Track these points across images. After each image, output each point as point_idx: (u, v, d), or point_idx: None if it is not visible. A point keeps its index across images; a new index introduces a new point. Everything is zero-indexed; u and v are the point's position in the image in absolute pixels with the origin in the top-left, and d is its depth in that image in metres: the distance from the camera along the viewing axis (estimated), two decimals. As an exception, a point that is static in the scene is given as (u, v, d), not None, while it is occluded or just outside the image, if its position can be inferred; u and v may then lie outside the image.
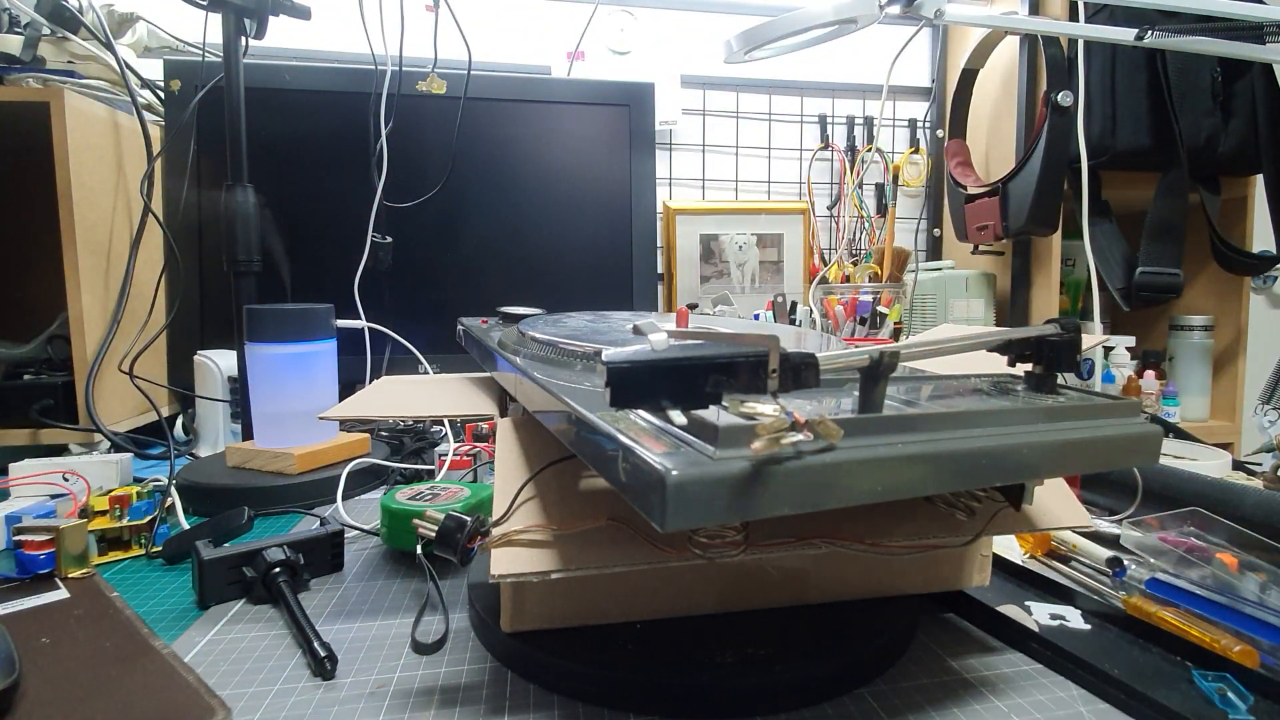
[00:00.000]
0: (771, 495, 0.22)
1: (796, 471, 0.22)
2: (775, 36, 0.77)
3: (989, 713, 0.31)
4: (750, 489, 0.21)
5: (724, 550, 0.31)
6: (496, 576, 0.30)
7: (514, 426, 0.40)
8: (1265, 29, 0.76)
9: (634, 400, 0.22)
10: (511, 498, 0.34)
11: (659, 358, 0.22)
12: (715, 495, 0.21)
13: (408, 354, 0.89)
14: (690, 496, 0.21)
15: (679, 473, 0.20)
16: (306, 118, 1.01)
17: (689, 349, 0.22)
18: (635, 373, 0.21)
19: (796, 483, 0.22)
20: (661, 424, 0.24)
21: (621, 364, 0.21)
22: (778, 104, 1.38)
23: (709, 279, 1.32)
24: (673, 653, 0.33)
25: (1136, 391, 1.17)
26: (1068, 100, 1.03)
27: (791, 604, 0.37)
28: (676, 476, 0.20)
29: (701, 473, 0.21)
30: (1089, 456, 0.28)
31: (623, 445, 0.23)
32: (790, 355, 0.23)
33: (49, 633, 0.37)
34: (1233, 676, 0.31)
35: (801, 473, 0.22)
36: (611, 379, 0.21)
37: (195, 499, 0.60)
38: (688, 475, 0.21)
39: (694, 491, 0.21)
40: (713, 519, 0.21)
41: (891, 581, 0.38)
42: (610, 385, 0.21)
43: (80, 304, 0.79)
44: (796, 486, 0.22)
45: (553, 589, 0.34)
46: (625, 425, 0.25)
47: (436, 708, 0.32)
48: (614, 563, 0.31)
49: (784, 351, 0.23)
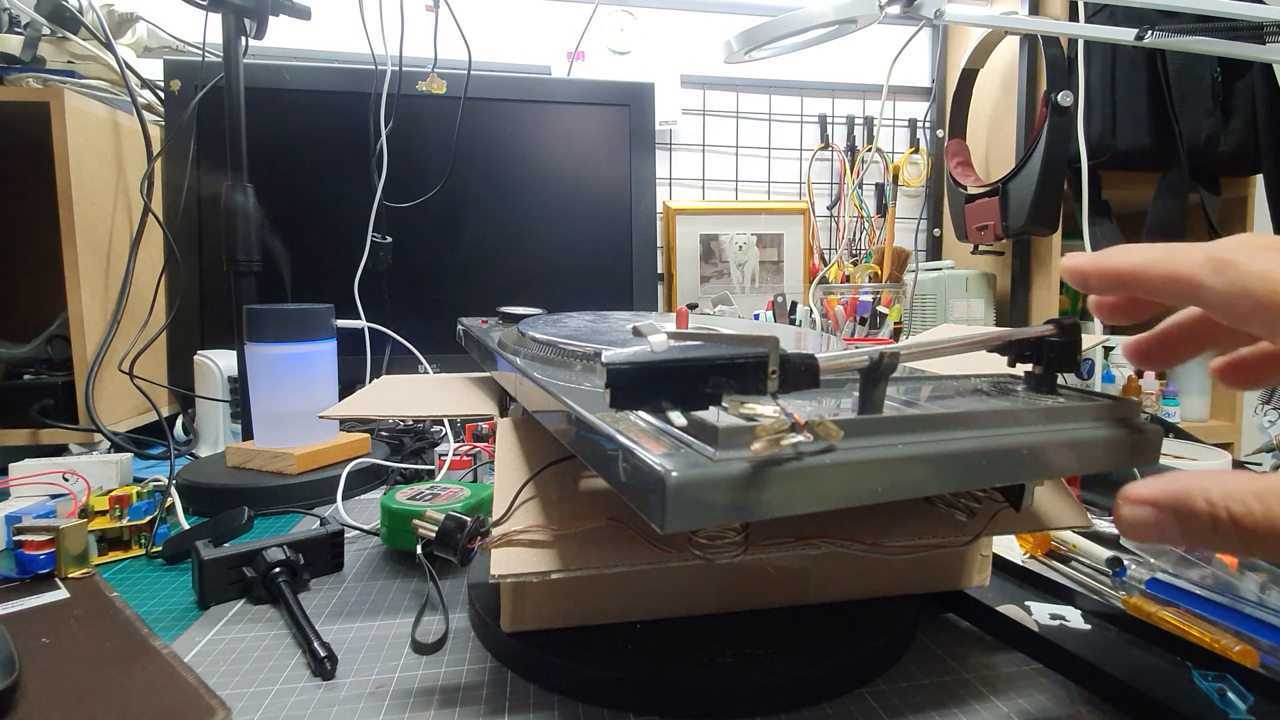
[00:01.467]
0: (771, 497, 0.22)
1: (796, 473, 0.22)
2: (775, 36, 0.77)
3: (989, 713, 0.31)
4: (750, 490, 0.21)
5: (724, 551, 0.31)
6: (496, 577, 0.30)
7: (514, 426, 0.40)
8: (1265, 29, 0.76)
9: (634, 401, 0.22)
10: (511, 498, 0.34)
11: (659, 359, 0.22)
12: (715, 497, 0.21)
13: (408, 354, 0.89)
14: (690, 498, 0.21)
15: (679, 474, 0.20)
16: (306, 118, 1.01)
17: (689, 350, 0.22)
18: (635, 374, 0.21)
19: (796, 484, 0.22)
20: (661, 425, 0.24)
21: (621, 365, 0.21)
22: (778, 104, 1.38)
23: (709, 279, 1.32)
24: (673, 653, 0.33)
25: (1137, 391, 1.17)
26: (1068, 100, 1.03)
27: (791, 604, 0.37)
28: (676, 478, 0.20)
29: (701, 474, 0.21)
30: (1089, 457, 0.28)
31: (622, 446, 0.23)
32: (790, 356, 0.23)
33: (49, 633, 0.37)
34: (1233, 676, 0.31)
35: (801, 474, 0.22)
36: (611, 380, 0.21)
37: (195, 499, 0.60)
38: (688, 477, 0.20)
39: (694, 493, 0.21)
40: (713, 521, 0.21)
41: (892, 582, 0.38)
42: (610, 386, 0.21)
43: (80, 304, 0.79)
44: (796, 488, 0.22)
45: (553, 589, 0.34)
46: (625, 426, 0.25)
47: (436, 708, 0.32)
48: (614, 563, 0.31)
49: (784, 353, 0.23)
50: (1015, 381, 0.33)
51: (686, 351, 0.22)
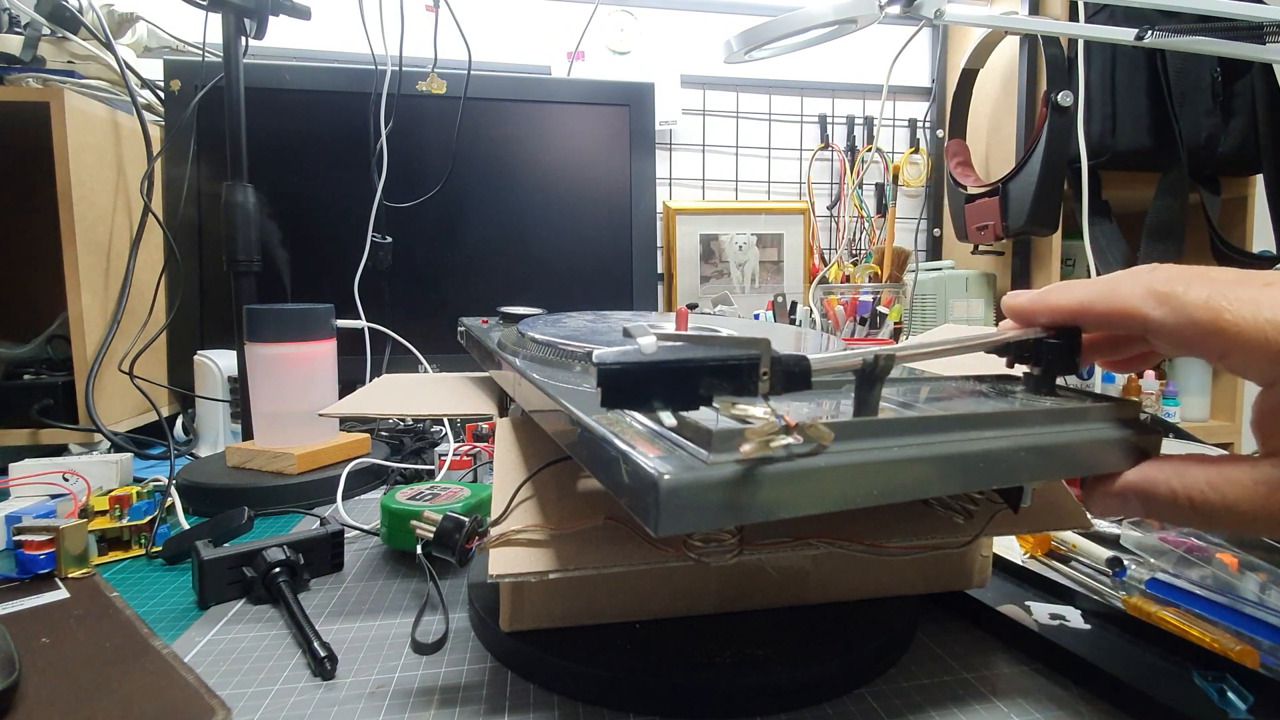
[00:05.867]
0: (765, 500, 0.22)
1: (788, 475, 0.22)
2: (775, 36, 0.77)
3: (989, 713, 0.31)
4: (743, 493, 0.21)
5: (718, 553, 0.31)
6: (495, 576, 0.30)
7: (513, 426, 0.40)
8: (1265, 29, 0.76)
9: (625, 401, 0.22)
10: (509, 498, 0.34)
11: (650, 359, 0.21)
12: (708, 500, 0.21)
13: (408, 354, 0.89)
14: (683, 501, 0.21)
15: (671, 477, 0.20)
16: (306, 118, 1.01)
17: (681, 351, 0.22)
18: (625, 373, 0.21)
19: (789, 487, 0.22)
20: (656, 427, 0.24)
21: (612, 365, 0.21)
22: (778, 104, 1.38)
23: (709, 279, 1.32)
24: (673, 653, 0.33)
25: (1136, 391, 1.17)
26: (1068, 100, 1.03)
27: (791, 604, 0.37)
28: (669, 481, 0.20)
29: (694, 477, 0.21)
30: (1086, 458, 0.28)
31: (617, 448, 0.23)
32: (782, 358, 0.23)
33: (49, 633, 0.37)
34: (1233, 676, 0.31)
35: (794, 477, 0.22)
36: (601, 379, 0.21)
37: (195, 499, 0.60)
38: (681, 480, 0.20)
39: (687, 496, 0.21)
40: (706, 524, 0.21)
41: (891, 582, 0.38)
42: (601, 386, 0.21)
43: (80, 304, 0.79)
44: (789, 490, 0.22)
45: (551, 589, 0.34)
46: (620, 428, 0.24)
47: (436, 708, 0.32)
48: (612, 563, 0.31)
49: (776, 354, 0.23)
50: (1015, 383, 0.33)
51: (678, 352, 0.22)
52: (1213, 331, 0.23)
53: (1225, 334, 0.23)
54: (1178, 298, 0.24)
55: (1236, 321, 0.23)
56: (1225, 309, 0.23)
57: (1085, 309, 0.27)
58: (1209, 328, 0.23)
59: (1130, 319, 0.26)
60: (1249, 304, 0.23)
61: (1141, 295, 0.25)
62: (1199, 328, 0.24)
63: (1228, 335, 0.23)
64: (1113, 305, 0.26)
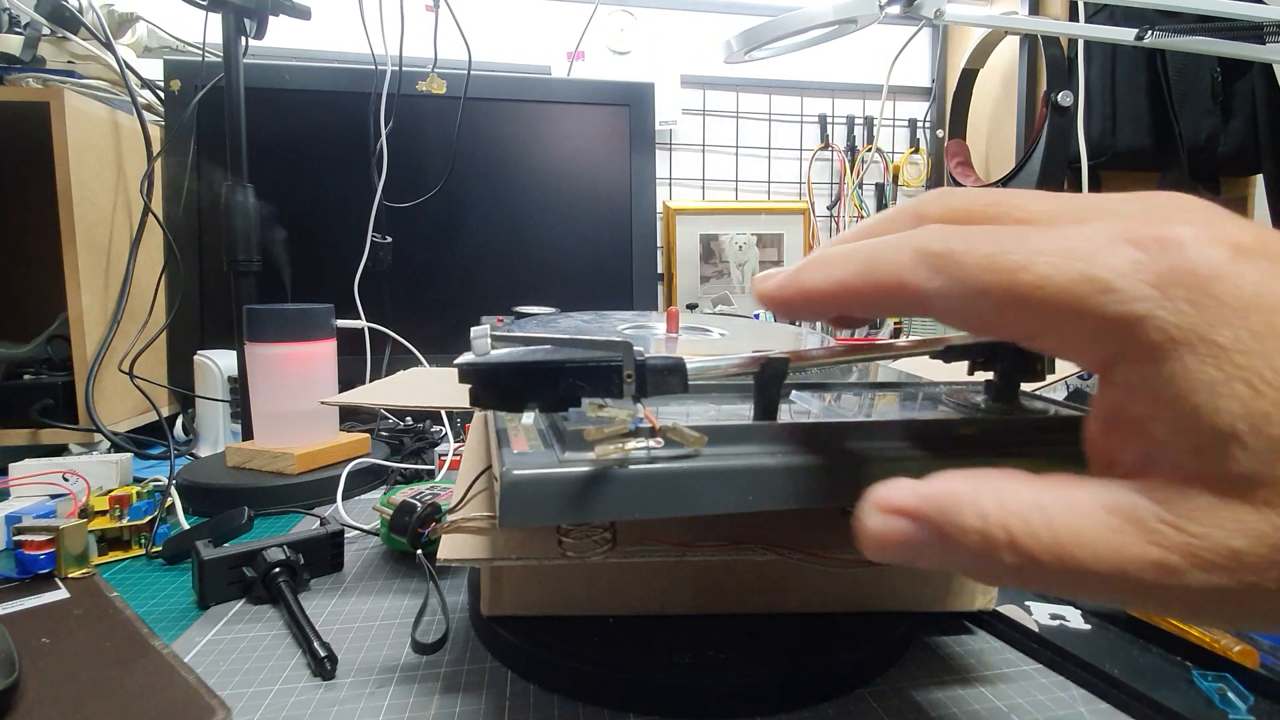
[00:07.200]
0: (610, 499, 0.22)
1: (640, 477, 0.22)
2: (775, 36, 0.77)
3: (989, 713, 0.31)
4: (589, 492, 0.22)
5: (590, 549, 0.31)
6: (443, 560, 0.32)
7: (484, 420, 0.41)
8: (1265, 29, 0.76)
9: (492, 401, 0.23)
10: (467, 486, 0.35)
11: (512, 360, 0.22)
12: (549, 496, 0.22)
13: (408, 354, 0.89)
14: (525, 495, 0.22)
15: (519, 472, 0.22)
16: (306, 118, 1.01)
17: (544, 353, 0.23)
18: (484, 374, 0.22)
19: (639, 489, 0.22)
20: (544, 426, 0.25)
21: (468, 365, 0.22)
22: (778, 104, 1.38)
23: (709, 279, 1.32)
24: (674, 653, 0.33)
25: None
26: (1068, 100, 1.03)
27: (769, 611, 0.36)
28: (514, 475, 0.22)
29: (538, 474, 0.22)
30: None
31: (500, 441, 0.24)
32: (648, 361, 0.23)
33: (49, 633, 0.37)
34: (1233, 676, 0.31)
35: (646, 479, 0.22)
36: (461, 379, 0.22)
37: (195, 499, 0.60)
38: (525, 475, 0.22)
39: (529, 490, 0.22)
40: (550, 519, 0.22)
41: (877, 597, 0.37)
42: (463, 383, 0.22)
43: (80, 304, 0.79)
44: (639, 492, 0.22)
45: (527, 576, 0.35)
46: (514, 425, 0.26)
47: (436, 708, 0.32)
48: (553, 555, 0.32)
49: (642, 357, 0.23)
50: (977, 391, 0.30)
51: (540, 354, 0.23)
52: (1009, 301, 0.16)
53: (1027, 302, 0.16)
54: (954, 260, 0.17)
55: (1038, 281, 0.15)
56: (1021, 265, 0.16)
57: (843, 289, 0.19)
58: (1003, 295, 0.16)
59: (900, 295, 0.18)
60: (1056, 254, 0.16)
61: (910, 262, 0.17)
62: (988, 298, 0.16)
63: (1030, 303, 0.16)
64: (873, 280, 0.18)
